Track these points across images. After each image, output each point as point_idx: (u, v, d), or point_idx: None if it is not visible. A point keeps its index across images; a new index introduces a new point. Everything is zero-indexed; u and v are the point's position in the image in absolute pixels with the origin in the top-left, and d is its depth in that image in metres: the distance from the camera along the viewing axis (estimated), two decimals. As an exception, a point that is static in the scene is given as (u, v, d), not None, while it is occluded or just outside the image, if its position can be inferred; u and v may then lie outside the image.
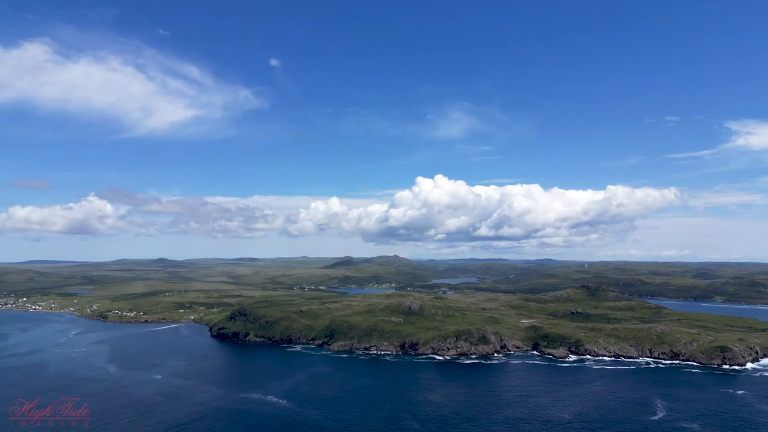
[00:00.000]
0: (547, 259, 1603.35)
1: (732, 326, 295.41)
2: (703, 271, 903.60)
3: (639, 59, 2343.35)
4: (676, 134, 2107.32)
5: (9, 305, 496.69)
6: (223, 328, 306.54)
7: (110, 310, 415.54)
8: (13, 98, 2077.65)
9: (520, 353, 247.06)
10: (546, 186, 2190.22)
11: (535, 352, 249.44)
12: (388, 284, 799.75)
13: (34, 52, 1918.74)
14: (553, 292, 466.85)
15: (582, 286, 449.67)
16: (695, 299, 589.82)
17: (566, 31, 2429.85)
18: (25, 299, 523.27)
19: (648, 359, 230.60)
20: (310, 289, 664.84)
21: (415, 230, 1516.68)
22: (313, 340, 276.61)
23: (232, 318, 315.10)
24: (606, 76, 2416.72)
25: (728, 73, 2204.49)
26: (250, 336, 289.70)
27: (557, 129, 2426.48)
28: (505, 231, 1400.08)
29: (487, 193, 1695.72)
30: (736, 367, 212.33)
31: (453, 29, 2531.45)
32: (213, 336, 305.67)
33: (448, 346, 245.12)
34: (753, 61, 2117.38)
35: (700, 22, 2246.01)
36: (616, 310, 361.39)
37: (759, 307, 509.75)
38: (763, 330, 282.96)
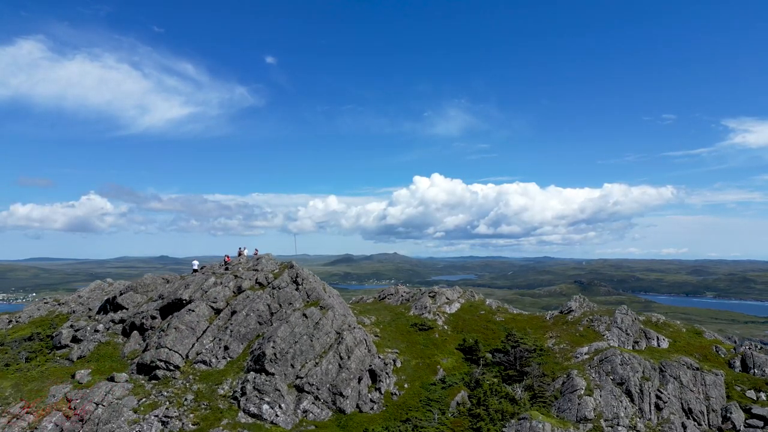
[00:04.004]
0: (546, 256, 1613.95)
1: (716, 318, 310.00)
2: (699, 268, 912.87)
3: (636, 57, 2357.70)
4: (673, 132, 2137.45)
5: (19, 300, 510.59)
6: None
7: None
8: (9, 96, 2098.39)
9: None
10: (543, 184, 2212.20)
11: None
12: (387, 281, 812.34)
13: (28, 49, 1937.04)
14: (548, 287, 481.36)
15: (575, 282, 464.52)
16: (687, 295, 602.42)
17: (564, 30, 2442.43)
18: (34, 294, 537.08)
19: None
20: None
21: (413, 228, 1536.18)
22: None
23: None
24: (603, 75, 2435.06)
25: (726, 71, 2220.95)
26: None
27: (554, 127, 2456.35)
28: (504, 229, 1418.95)
29: (484, 191, 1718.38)
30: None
31: (450, 27, 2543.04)
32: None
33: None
34: (751, 60, 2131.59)
35: (698, 21, 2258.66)
36: (606, 304, 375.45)
37: (748, 302, 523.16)
38: (746, 322, 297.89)
